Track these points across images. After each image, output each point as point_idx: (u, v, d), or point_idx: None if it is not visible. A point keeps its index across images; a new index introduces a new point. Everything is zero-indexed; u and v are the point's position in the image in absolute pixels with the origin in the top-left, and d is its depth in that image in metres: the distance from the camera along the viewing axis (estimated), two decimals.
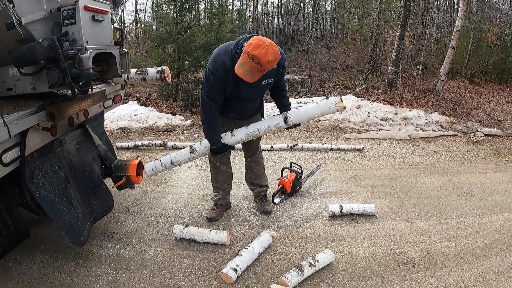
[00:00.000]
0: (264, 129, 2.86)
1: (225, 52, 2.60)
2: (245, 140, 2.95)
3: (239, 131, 2.90)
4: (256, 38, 2.38)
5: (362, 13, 17.18)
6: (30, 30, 2.25)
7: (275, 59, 2.39)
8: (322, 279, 2.63)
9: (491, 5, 16.02)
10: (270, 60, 2.34)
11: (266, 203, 3.63)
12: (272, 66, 2.42)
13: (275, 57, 2.37)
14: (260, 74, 2.44)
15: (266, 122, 2.89)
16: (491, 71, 12.66)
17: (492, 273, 2.69)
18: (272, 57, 2.34)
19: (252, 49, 2.31)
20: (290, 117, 2.82)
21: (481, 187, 4.25)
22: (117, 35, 3.03)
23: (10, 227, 2.63)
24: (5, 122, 2.02)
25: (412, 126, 7.04)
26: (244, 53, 2.37)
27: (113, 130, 6.82)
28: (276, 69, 2.66)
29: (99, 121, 3.46)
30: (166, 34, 9.08)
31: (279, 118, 2.85)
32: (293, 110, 2.87)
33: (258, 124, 2.89)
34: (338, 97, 2.74)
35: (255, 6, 35.96)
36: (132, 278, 2.65)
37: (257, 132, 2.87)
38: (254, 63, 2.33)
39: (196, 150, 2.97)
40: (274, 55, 2.35)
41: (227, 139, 2.89)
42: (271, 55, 2.32)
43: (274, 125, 2.86)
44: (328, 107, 2.76)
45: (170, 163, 3.04)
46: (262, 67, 2.34)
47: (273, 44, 2.37)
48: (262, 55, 2.30)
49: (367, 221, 3.42)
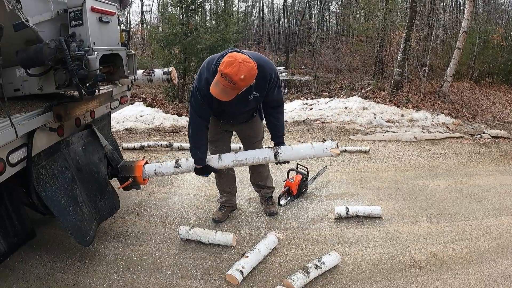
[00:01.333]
0: (252, 159, 2.84)
1: (208, 68, 2.54)
2: (232, 166, 2.93)
3: (227, 157, 2.88)
4: (230, 55, 2.28)
5: (368, 14, 17.16)
6: (38, 31, 2.26)
7: (250, 75, 2.27)
8: (328, 281, 2.61)
9: (497, 6, 15.95)
10: (243, 78, 2.22)
11: (272, 204, 3.62)
12: (247, 83, 2.31)
13: (249, 74, 2.26)
14: (235, 93, 2.34)
15: (257, 153, 2.88)
16: (497, 72, 12.58)
17: (498, 276, 2.67)
18: (245, 74, 2.22)
19: (224, 67, 2.22)
20: (281, 153, 2.78)
21: (488, 190, 4.22)
22: (124, 36, 3.04)
23: (16, 227, 2.64)
24: (12, 123, 2.03)
25: (418, 128, 7.01)
26: (218, 71, 2.29)
27: (120, 131, 6.85)
28: (262, 83, 2.57)
29: (105, 122, 3.48)
30: (172, 35, 9.13)
31: (270, 152, 2.82)
32: (286, 147, 2.82)
33: (247, 154, 2.87)
34: (334, 142, 2.72)
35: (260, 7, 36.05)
36: (138, 278, 2.66)
37: (245, 161, 2.84)
38: (227, 82, 2.23)
39: (181, 166, 2.93)
40: (248, 72, 2.24)
41: (214, 162, 2.87)
42: (243, 73, 2.21)
43: (264, 158, 2.84)
44: (322, 151, 2.73)
45: (153, 173, 3.02)
46: (235, 85, 2.25)
47: (247, 61, 2.26)
48: (234, 73, 2.20)
49: (373, 223, 3.41)
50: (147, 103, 8.85)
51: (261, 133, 3.32)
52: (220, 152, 3.15)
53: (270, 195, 3.66)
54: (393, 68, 9.58)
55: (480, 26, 12.12)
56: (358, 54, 13.78)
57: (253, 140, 3.27)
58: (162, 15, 12.55)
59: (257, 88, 2.60)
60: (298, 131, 6.82)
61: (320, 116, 7.60)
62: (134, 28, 22.77)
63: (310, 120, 7.44)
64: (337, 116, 7.55)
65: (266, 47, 26.29)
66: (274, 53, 28.04)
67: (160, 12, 15.63)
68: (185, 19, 9.40)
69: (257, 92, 2.63)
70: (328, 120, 7.36)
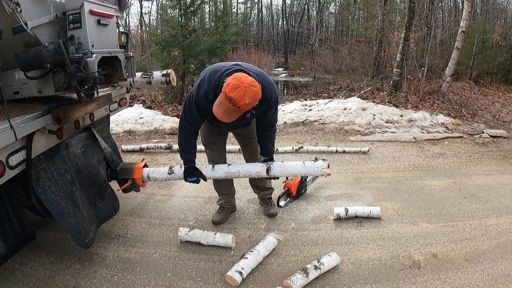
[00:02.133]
0: (245, 173, 2.87)
1: (209, 82, 2.53)
2: (223, 178, 2.94)
3: (220, 168, 2.90)
4: (236, 78, 2.29)
5: (366, 15, 17.17)
6: (37, 34, 2.27)
7: (254, 100, 2.31)
8: (328, 282, 2.62)
9: (495, 6, 15.97)
10: (248, 103, 2.26)
11: (271, 206, 3.62)
12: (250, 107, 2.34)
13: (253, 99, 2.29)
14: (238, 115, 2.37)
15: (249, 167, 2.90)
16: (496, 72, 12.61)
17: (498, 276, 2.67)
18: (250, 99, 2.25)
19: (229, 90, 2.24)
20: (273, 169, 2.81)
21: (487, 189, 4.22)
22: (123, 38, 3.05)
23: (16, 229, 2.64)
24: (11, 125, 2.04)
25: (417, 128, 7.02)
26: (222, 92, 2.30)
27: (119, 133, 6.86)
28: (261, 103, 2.56)
29: (104, 124, 3.48)
30: (171, 37, 9.14)
31: (262, 167, 2.84)
32: (278, 163, 2.85)
33: (240, 167, 2.90)
34: (326, 162, 2.75)
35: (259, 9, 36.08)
36: (137, 280, 2.66)
37: (237, 173, 2.87)
38: (231, 105, 2.25)
39: (174, 173, 2.95)
40: (253, 96, 2.27)
41: (207, 172, 2.89)
42: (248, 97, 2.24)
43: (256, 172, 2.86)
44: (313, 169, 2.76)
45: (146, 177, 3.03)
46: (239, 108, 2.28)
47: (252, 85, 2.28)
48: (240, 97, 2.22)
49: (373, 224, 3.41)
50: (146, 105, 8.85)
51: None
52: (216, 155, 3.21)
53: (269, 196, 3.66)
54: (392, 68, 9.59)
55: (479, 26, 12.14)
56: (357, 55, 13.79)
57: (251, 140, 3.27)
58: (161, 17, 12.56)
59: (255, 107, 2.57)
60: (297, 132, 6.83)
61: (319, 117, 7.61)
62: (133, 30, 22.80)
63: (309, 121, 7.45)
64: (336, 117, 7.56)
65: (265, 49, 26.30)
66: (273, 55, 28.07)
67: (159, 14, 15.65)
68: (184, 21, 9.42)
69: (255, 110, 2.64)
70: (327, 121, 7.37)
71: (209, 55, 9.38)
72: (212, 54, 9.45)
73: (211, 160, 3.27)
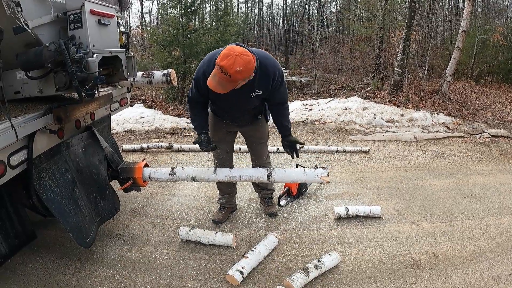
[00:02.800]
0: (246, 177, 2.89)
1: (208, 62, 2.54)
2: (225, 181, 2.96)
3: (222, 172, 2.91)
4: (228, 48, 2.27)
5: (367, 14, 17.17)
6: (37, 34, 2.27)
7: (246, 69, 2.25)
8: (328, 281, 2.62)
9: (496, 5, 15.95)
10: (239, 70, 2.21)
11: (271, 205, 3.63)
12: (244, 76, 2.28)
13: (245, 67, 2.24)
14: (232, 85, 2.33)
15: (251, 171, 2.92)
16: (497, 71, 12.58)
17: (498, 275, 2.67)
18: (241, 67, 2.21)
19: (220, 59, 2.22)
20: (274, 175, 2.83)
21: (488, 189, 4.22)
22: (123, 38, 3.05)
23: (17, 229, 2.64)
24: (12, 125, 2.04)
25: (418, 127, 7.01)
26: (215, 63, 2.28)
27: (120, 132, 6.86)
28: (265, 81, 2.57)
29: (105, 123, 3.49)
30: (172, 37, 9.14)
31: (264, 172, 2.86)
32: (279, 169, 2.86)
33: (242, 171, 2.91)
34: (325, 170, 2.76)
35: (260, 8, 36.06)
36: (138, 279, 2.66)
37: (238, 178, 2.88)
38: (223, 74, 2.23)
39: (176, 174, 2.95)
40: (244, 65, 2.22)
41: (208, 175, 2.91)
42: (239, 65, 2.20)
43: (257, 177, 2.89)
44: (313, 177, 2.78)
45: (147, 177, 3.04)
46: (231, 77, 2.23)
47: (244, 53, 2.24)
48: (230, 65, 2.19)
49: (373, 223, 3.41)
50: (147, 104, 8.85)
51: (266, 135, 3.34)
52: (222, 153, 3.22)
53: (270, 196, 3.67)
54: (393, 68, 9.59)
55: (480, 25, 12.13)
56: (357, 54, 13.78)
57: (258, 141, 3.30)
58: (162, 17, 12.57)
59: (260, 85, 2.59)
60: (298, 131, 6.83)
61: (320, 117, 7.61)
62: (133, 30, 22.78)
63: (310, 121, 7.45)
64: (337, 117, 7.56)
65: (266, 48, 26.32)
66: (274, 54, 28.04)
67: (160, 14, 15.67)
68: (185, 20, 9.41)
69: (260, 90, 2.63)
70: (328, 121, 7.38)
71: None
72: None
73: (217, 159, 3.28)
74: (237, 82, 2.32)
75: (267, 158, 3.44)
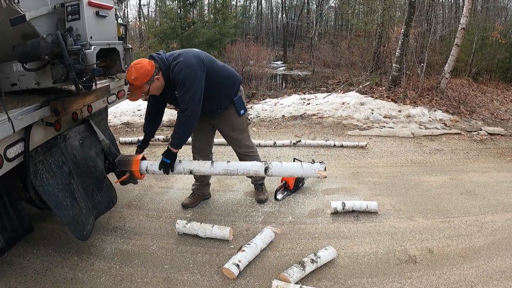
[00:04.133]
0: (243, 171, 2.91)
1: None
2: (222, 174, 2.96)
3: (219, 165, 2.92)
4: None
5: (366, 9, 17.11)
6: (34, 25, 2.26)
7: (140, 74, 2.58)
8: (324, 275, 2.64)
9: (496, 3, 15.93)
10: (134, 78, 2.58)
11: (261, 192, 3.73)
12: (141, 81, 2.61)
13: (139, 73, 2.58)
14: (139, 91, 2.68)
15: (248, 165, 2.93)
16: (495, 69, 12.59)
17: (493, 272, 2.69)
18: (135, 74, 2.57)
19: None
20: (271, 169, 2.84)
21: (484, 186, 4.24)
22: (121, 30, 3.03)
23: (14, 222, 2.64)
24: (9, 117, 2.03)
25: (415, 123, 7.02)
26: None
27: (117, 125, 6.84)
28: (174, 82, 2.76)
29: (102, 116, 3.48)
30: (170, 29, 9.11)
31: (261, 166, 2.87)
32: (276, 163, 2.88)
33: (239, 165, 2.93)
34: (323, 165, 2.77)
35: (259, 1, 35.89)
36: (135, 272, 2.67)
37: (236, 171, 2.90)
38: (129, 84, 2.67)
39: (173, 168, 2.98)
40: (136, 71, 2.57)
41: (206, 167, 2.93)
42: (133, 74, 2.57)
43: (254, 171, 2.91)
44: (310, 171, 2.79)
45: (145, 170, 3.04)
46: (133, 85, 2.63)
47: (138, 63, 2.61)
48: (128, 76, 2.60)
49: (369, 218, 3.43)
50: (144, 97, 8.82)
51: (238, 126, 3.32)
52: (197, 142, 3.37)
53: (261, 182, 3.75)
54: (391, 63, 9.57)
55: (479, 23, 12.10)
56: (356, 49, 13.76)
57: (228, 133, 3.36)
58: (160, 9, 12.49)
59: (175, 87, 2.79)
60: (296, 125, 6.83)
61: (318, 111, 7.61)
62: (131, 22, 22.64)
63: (308, 115, 7.45)
64: (335, 111, 7.56)
65: (264, 42, 26.19)
66: (272, 48, 27.98)
67: (158, 6, 15.55)
68: (183, 13, 9.38)
69: (176, 91, 2.80)
70: (326, 115, 7.38)
71: (207, 47, 9.35)
72: (211, 46, 9.42)
73: (193, 147, 3.51)
74: (140, 87, 2.65)
75: (246, 148, 3.45)
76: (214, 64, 2.95)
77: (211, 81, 2.86)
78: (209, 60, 2.92)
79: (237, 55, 11.02)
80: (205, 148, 3.45)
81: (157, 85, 2.74)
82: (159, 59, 2.75)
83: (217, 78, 2.93)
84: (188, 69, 2.69)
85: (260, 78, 11.37)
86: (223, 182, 4.20)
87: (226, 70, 3.08)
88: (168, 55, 2.81)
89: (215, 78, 2.90)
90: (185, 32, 8.99)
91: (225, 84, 3.05)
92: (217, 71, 2.95)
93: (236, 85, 3.15)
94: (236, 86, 3.15)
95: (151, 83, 2.68)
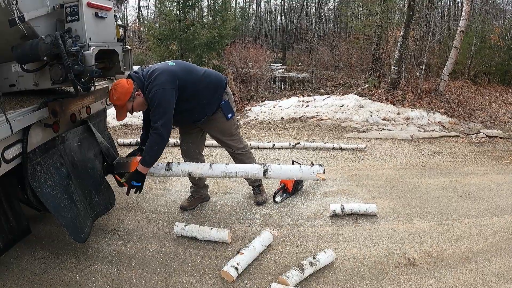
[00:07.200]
0: (242, 173, 2.90)
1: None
2: (221, 176, 2.95)
3: (218, 167, 2.90)
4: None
5: (365, 12, 17.15)
6: (33, 26, 2.25)
7: (120, 93, 2.67)
8: (323, 278, 2.63)
9: (495, 6, 15.99)
10: (116, 98, 2.68)
11: (259, 194, 3.73)
12: (123, 100, 2.70)
13: (119, 92, 2.67)
14: (123, 110, 2.79)
15: (247, 168, 2.92)
16: (494, 72, 12.64)
17: (492, 275, 2.69)
18: (116, 94, 2.67)
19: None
20: (270, 172, 2.83)
21: (483, 189, 4.24)
22: (120, 32, 3.03)
23: (11, 223, 2.63)
24: (7, 119, 2.02)
25: (414, 126, 7.03)
26: None
27: (115, 126, 6.82)
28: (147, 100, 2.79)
29: (101, 117, 3.47)
30: (169, 31, 9.10)
31: (260, 168, 2.86)
32: (275, 165, 2.87)
33: (238, 167, 2.92)
34: (322, 168, 2.76)
35: (258, 3, 35.94)
36: (133, 275, 2.66)
37: (234, 174, 2.89)
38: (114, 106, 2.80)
39: (171, 169, 2.94)
40: (116, 91, 2.67)
41: (204, 170, 2.91)
42: (114, 94, 2.68)
43: (253, 173, 2.89)
44: (309, 174, 2.78)
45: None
46: (117, 106, 2.75)
47: (117, 84, 2.70)
48: (111, 97, 2.73)
49: (368, 221, 3.42)
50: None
51: (227, 129, 3.31)
52: (184, 145, 3.39)
53: (258, 183, 3.74)
54: (390, 66, 9.60)
55: (478, 25, 12.13)
56: (355, 52, 13.74)
57: (218, 136, 3.36)
58: (159, 11, 12.48)
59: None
60: (294, 128, 6.83)
61: (316, 113, 7.60)
62: (130, 24, 22.67)
63: (306, 117, 7.45)
64: (333, 114, 7.56)
65: (263, 44, 26.21)
66: (271, 50, 27.99)
67: (157, 8, 15.55)
68: (182, 14, 9.37)
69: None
70: (324, 118, 7.38)
71: (206, 49, 9.33)
72: (210, 48, 9.40)
73: (181, 149, 3.51)
74: (123, 106, 2.75)
75: (238, 149, 3.44)
76: (193, 75, 2.93)
77: (188, 94, 2.87)
78: (187, 71, 2.90)
79: (236, 57, 11.03)
80: (193, 150, 3.43)
81: (139, 101, 2.79)
82: (136, 78, 2.79)
83: (194, 90, 2.91)
84: (157, 87, 2.69)
85: (259, 80, 11.36)
86: (222, 184, 4.19)
87: (207, 77, 3.01)
88: (145, 72, 2.82)
89: (192, 91, 2.90)
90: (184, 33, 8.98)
91: (205, 94, 3.00)
92: (196, 83, 2.91)
93: (218, 92, 3.09)
94: (218, 92, 3.10)
95: (133, 100, 2.75)
